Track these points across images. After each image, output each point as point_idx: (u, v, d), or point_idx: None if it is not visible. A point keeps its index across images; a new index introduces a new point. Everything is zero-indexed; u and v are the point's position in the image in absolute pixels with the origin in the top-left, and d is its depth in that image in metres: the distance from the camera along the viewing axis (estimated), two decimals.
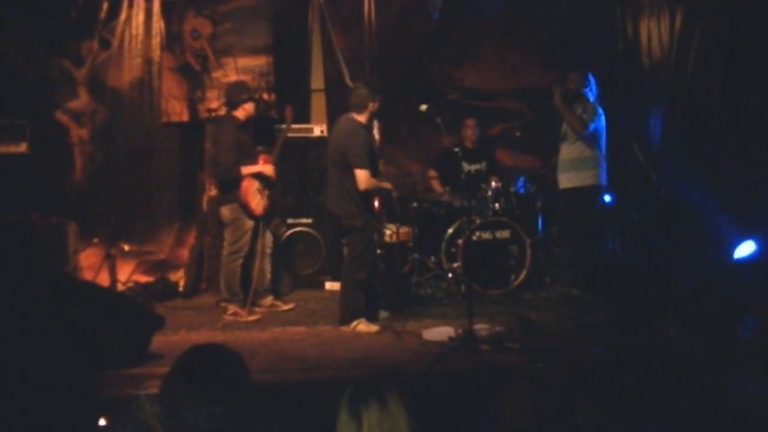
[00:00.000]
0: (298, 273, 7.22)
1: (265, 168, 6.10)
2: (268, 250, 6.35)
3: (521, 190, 7.00)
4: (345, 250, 6.05)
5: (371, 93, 5.71)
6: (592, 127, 6.39)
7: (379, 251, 6.21)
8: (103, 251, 6.98)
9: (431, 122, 5.94)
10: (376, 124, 6.02)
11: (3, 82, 6.94)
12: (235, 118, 6.15)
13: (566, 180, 6.56)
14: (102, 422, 3.26)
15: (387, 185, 6.08)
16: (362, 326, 5.58)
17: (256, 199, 6.06)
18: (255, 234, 6.15)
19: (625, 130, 7.11)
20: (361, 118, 5.68)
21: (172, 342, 5.17)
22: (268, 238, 6.36)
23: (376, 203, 5.97)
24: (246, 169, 6.00)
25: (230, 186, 6.06)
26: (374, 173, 5.73)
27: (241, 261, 6.14)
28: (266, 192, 6.13)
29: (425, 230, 7.01)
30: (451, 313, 6.02)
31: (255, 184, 6.06)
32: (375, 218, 5.98)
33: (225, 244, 6.24)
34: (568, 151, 6.55)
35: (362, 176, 5.52)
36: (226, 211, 6.15)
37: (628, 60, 7.77)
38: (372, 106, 5.70)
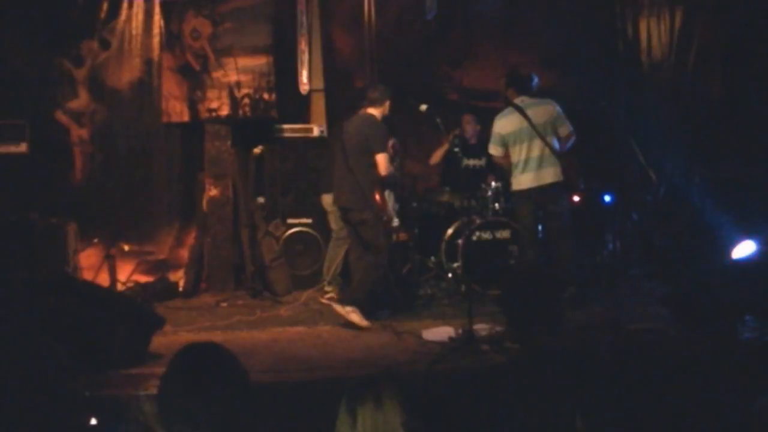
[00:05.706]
0: (297, 273, 7.21)
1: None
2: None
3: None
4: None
5: (390, 92, 5.87)
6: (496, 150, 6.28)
7: None
8: (103, 251, 6.98)
9: (431, 122, 5.94)
10: None
11: (3, 82, 6.94)
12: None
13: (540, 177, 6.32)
14: (93, 421, 3.26)
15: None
16: (355, 316, 5.56)
17: None
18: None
19: (625, 130, 7.11)
20: (377, 113, 5.79)
21: (172, 342, 5.14)
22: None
23: (377, 197, 5.94)
24: None
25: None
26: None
27: (345, 247, 6.47)
28: None
29: (425, 230, 7.00)
30: (451, 313, 6.00)
31: None
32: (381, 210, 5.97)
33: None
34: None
35: (383, 160, 5.66)
36: (329, 198, 6.49)
37: (628, 60, 7.78)
38: (388, 104, 5.84)
